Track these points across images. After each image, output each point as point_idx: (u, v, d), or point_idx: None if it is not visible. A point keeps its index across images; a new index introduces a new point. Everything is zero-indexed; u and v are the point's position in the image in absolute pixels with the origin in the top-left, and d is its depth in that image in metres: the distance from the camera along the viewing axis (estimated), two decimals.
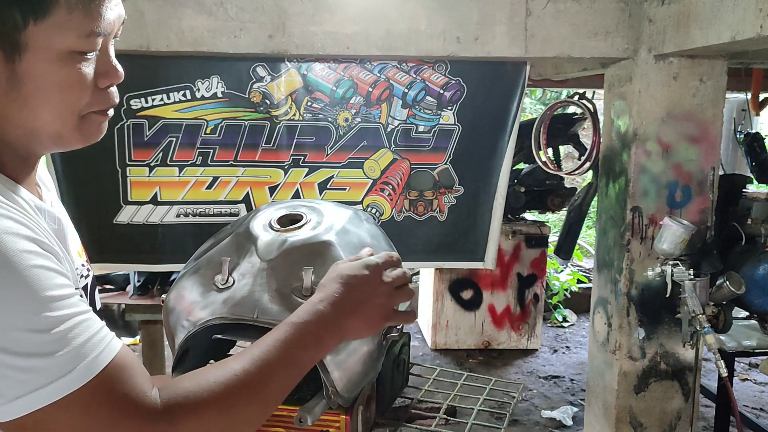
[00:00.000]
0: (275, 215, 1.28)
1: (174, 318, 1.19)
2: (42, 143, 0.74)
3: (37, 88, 0.69)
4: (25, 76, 0.68)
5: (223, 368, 0.73)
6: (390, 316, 0.89)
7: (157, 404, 0.67)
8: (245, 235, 1.23)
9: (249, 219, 1.29)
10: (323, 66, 2.65)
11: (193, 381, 0.71)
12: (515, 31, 2.53)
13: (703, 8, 2.19)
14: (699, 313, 2.33)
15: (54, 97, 0.70)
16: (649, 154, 2.60)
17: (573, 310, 5.62)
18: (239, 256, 1.20)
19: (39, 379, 0.60)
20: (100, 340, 0.65)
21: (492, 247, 2.86)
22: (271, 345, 0.77)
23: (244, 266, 1.19)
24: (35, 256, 0.63)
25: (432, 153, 2.78)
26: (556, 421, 3.65)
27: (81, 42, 0.70)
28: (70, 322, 0.63)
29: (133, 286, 3.05)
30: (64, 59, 0.70)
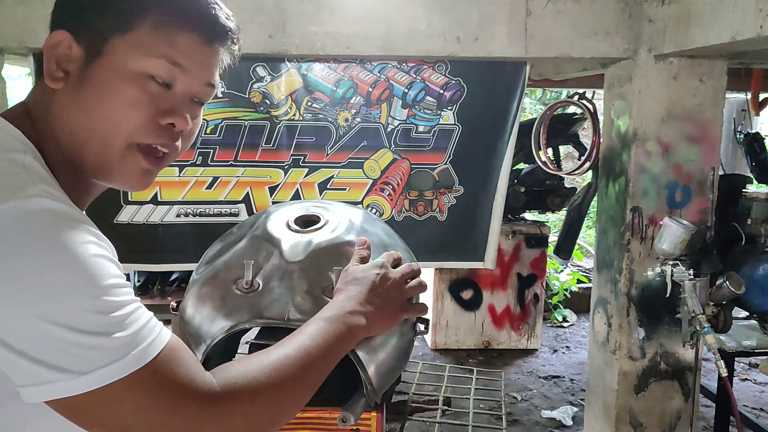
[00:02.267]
0: (291, 216, 1.27)
1: (194, 326, 1.17)
2: (89, 160, 0.75)
3: (96, 93, 0.72)
4: (92, 78, 0.72)
5: (269, 355, 0.77)
6: (406, 308, 0.97)
7: (214, 386, 0.70)
8: (265, 238, 1.21)
9: (263, 221, 1.26)
10: (323, 66, 2.65)
11: (243, 365, 0.75)
12: (515, 31, 2.53)
13: (703, 8, 2.19)
14: (699, 313, 2.33)
15: (108, 108, 0.72)
16: (649, 154, 2.60)
17: (573, 310, 5.62)
18: (261, 258, 1.19)
19: (105, 356, 0.63)
20: (154, 325, 0.68)
21: (492, 247, 2.86)
22: (309, 335, 0.82)
23: (269, 269, 1.17)
24: (96, 246, 0.66)
25: (432, 153, 2.78)
26: (556, 421, 3.65)
27: (153, 65, 0.73)
28: (129, 307, 0.66)
29: (133, 286, 3.05)
30: (132, 77, 0.72)
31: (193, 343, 1.16)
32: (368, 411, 1.21)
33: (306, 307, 1.13)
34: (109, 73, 0.72)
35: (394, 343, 1.16)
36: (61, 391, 0.62)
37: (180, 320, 1.19)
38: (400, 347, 1.19)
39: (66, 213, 0.66)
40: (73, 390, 0.62)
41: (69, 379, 0.61)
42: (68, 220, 0.66)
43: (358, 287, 0.93)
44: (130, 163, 0.76)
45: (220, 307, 1.15)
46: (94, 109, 0.72)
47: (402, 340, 1.18)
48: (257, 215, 1.33)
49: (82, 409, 0.63)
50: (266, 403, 0.73)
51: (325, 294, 1.14)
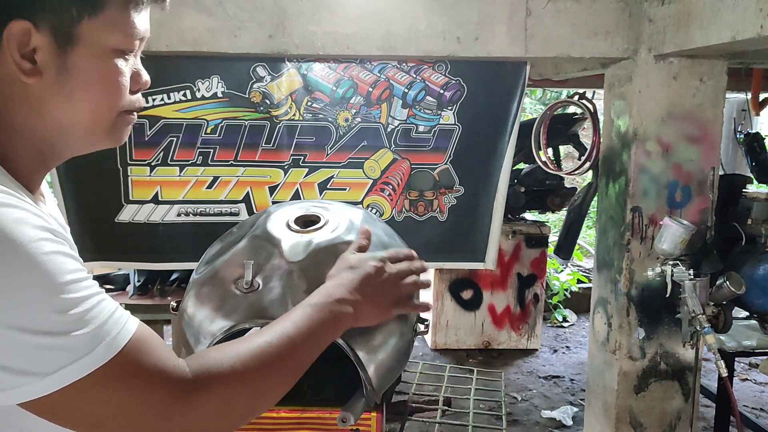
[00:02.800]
0: (291, 216, 1.27)
1: (195, 326, 1.17)
2: (73, 141, 0.76)
3: (83, 81, 0.73)
4: (74, 68, 0.72)
5: (249, 342, 0.76)
6: (399, 304, 0.96)
7: (186, 374, 0.69)
8: (264, 238, 1.22)
9: (263, 221, 1.26)
10: (323, 66, 2.65)
11: (220, 352, 0.74)
12: (515, 31, 2.53)
13: (703, 8, 2.19)
14: (699, 313, 2.33)
15: (97, 91, 0.74)
16: (649, 154, 2.60)
17: (573, 310, 5.62)
18: (260, 258, 1.19)
19: (68, 355, 0.62)
20: (118, 318, 0.68)
21: (492, 247, 2.86)
22: (293, 322, 0.81)
23: (269, 269, 1.18)
24: (49, 243, 0.65)
25: (432, 153, 2.78)
26: (556, 421, 3.65)
27: (125, 41, 0.74)
28: (89, 302, 0.65)
29: (133, 286, 3.05)
30: (110, 56, 0.74)
31: (194, 342, 1.15)
32: (368, 411, 1.21)
33: None
34: (91, 59, 0.72)
35: (394, 344, 1.17)
36: (29, 393, 0.62)
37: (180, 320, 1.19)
38: (400, 348, 1.19)
39: (12, 214, 0.64)
40: (40, 392, 0.62)
41: (35, 382, 0.61)
42: (16, 221, 0.64)
43: (351, 275, 0.92)
44: (120, 128, 0.78)
45: (219, 307, 1.15)
46: (84, 95, 0.73)
47: (402, 341, 1.19)
48: (257, 215, 1.33)
49: (53, 408, 0.64)
50: (241, 391, 0.73)
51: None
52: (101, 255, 2.70)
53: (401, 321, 1.24)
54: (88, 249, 2.64)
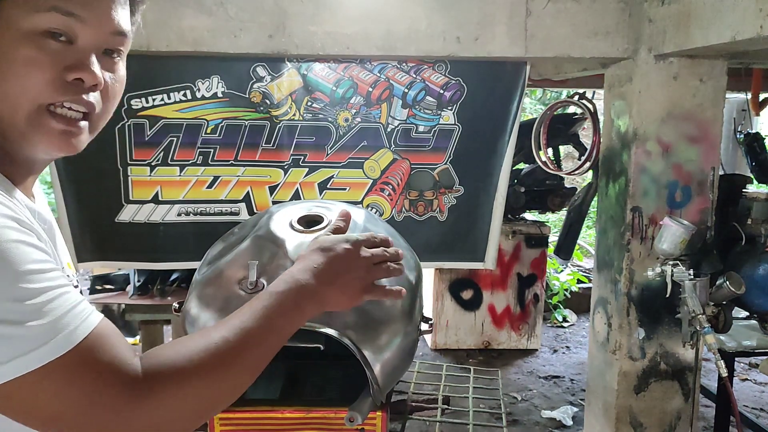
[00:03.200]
0: (294, 216, 1.27)
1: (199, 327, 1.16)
2: (10, 138, 0.72)
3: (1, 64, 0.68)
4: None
5: (204, 337, 0.73)
6: (369, 290, 0.89)
7: (137, 372, 0.68)
8: (268, 238, 1.22)
9: (265, 222, 1.26)
10: (323, 66, 2.65)
11: (174, 350, 0.72)
12: (515, 31, 2.53)
13: (703, 8, 2.19)
14: (699, 313, 2.33)
15: (11, 75, 0.69)
16: (649, 154, 2.60)
17: (573, 310, 5.62)
18: (264, 259, 1.19)
19: (21, 346, 0.61)
20: (80, 312, 0.66)
21: (492, 247, 2.86)
22: (252, 314, 0.77)
23: (273, 269, 1.17)
24: (14, 231, 0.64)
25: (432, 153, 2.78)
26: (556, 421, 3.65)
27: (45, 18, 0.69)
28: (49, 293, 0.64)
29: (133, 286, 3.05)
30: (27, 36, 0.69)
31: None
32: (374, 410, 1.21)
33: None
34: (4, 43, 0.68)
35: (399, 343, 1.17)
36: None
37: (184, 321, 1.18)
38: (405, 347, 1.19)
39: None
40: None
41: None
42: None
43: (320, 258, 0.86)
44: (43, 126, 0.72)
45: (224, 308, 1.14)
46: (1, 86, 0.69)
47: (406, 340, 1.19)
48: (259, 215, 1.32)
49: (5, 400, 0.63)
50: (195, 389, 0.70)
51: None
52: (101, 255, 2.70)
53: (406, 320, 1.24)
54: (88, 249, 2.64)
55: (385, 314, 1.22)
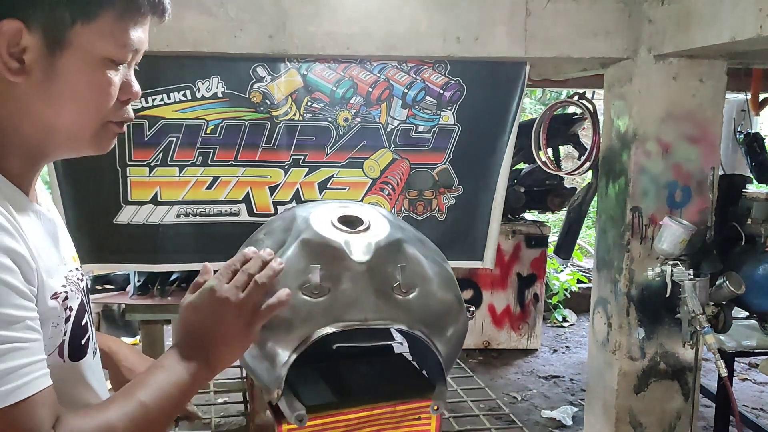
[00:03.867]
0: (332, 218, 1.25)
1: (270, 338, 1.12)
2: (56, 144, 0.77)
3: (70, 87, 0.73)
4: (62, 72, 0.72)
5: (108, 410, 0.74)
6: (252, 322, 0.86)
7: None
8: (320, 241, 1.19)
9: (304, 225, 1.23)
10: (323, 66, 2.65)
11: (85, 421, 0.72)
12: (515, 31, 2.53)
13: (703, 8, 2.19)
14: (699, 313, 2.34)
15: (83, 98, 0.74)
16: (649, 154, 2.60)
17: (573, 310, 5.62)
18: (323, 262, 1.17)
19: None
20: (27, 372, 0.66)
21: (491, 246, 2.86)
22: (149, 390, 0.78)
23: (336, 271, 1.16)
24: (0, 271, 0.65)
25: (431, 153, 2.78)
26: (556, 421, 3.65)
27: (117, 51, 0.75)
28: (8, 346, 0.65)
29: (133, 286, 3.05)
30: (99, 64, 0.74)
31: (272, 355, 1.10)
32: (425, 399, 1.24)
33: (381, 305, 1.14)
34: (80, 64, 0.73)
35: (457, 331, 1.23)
36: None
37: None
38: (461, 334, 1.25)
39: None
40: None
41: None
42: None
43: (188, 328, 0.85)
44: (104, 139, 0.79)
45: (294, 315, 1.11)
46: (69, 99, 0.73)
47: (462, 327, 1.25)
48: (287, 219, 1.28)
49: None
50: None
51: (394, 291, 1.17)
52: (100, 257, 2.69)
53: (460, 308, 1.27)
54: (87, 250, 2.63)
55: (446, 306, 1.25)
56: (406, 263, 1.21)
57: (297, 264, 1.16)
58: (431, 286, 1.24)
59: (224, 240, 2.74)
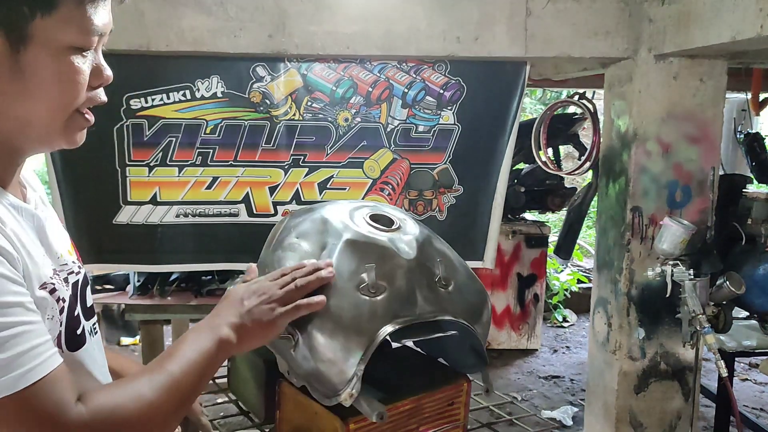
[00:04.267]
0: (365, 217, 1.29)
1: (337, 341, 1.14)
2: (31, 138, 0.77)
3: (38, 81, 0.72)
4: (29, 67, 0.71)
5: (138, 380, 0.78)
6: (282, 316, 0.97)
7: (83, 415, 0.70)
8: (368, 241, 1.22)
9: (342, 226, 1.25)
10: (323, 66, 2.65)
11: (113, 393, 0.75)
12: (515, 31, 2.53)
13: (703, 8, 2.19)
14: (699, 313, 2.33)
15: (53, 89, 0.73)
16: (649, 154, 2.59)
17: (573, 310, 5.62)
18: (372, 260, 1.19)
19: None
20: (41, 352, 0.68)
21: (491, 246, 2.86)
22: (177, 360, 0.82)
23: (388, 269, 1.19)
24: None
25: (432, 153, 2.78)
26: (556, 421, 3.64)
27: (82, 38, 0.73)
28: (13, 329, 0.65)
29: (133, 286, 3.05)
30: (65, 53, 0.73)
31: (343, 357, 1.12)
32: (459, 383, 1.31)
33: (431, 299, 1.20)
34: (45, 57, 0.72)
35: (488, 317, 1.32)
36: None
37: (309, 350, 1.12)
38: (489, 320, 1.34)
39: None
40: None
41: None
42: None
43: (226, 303, 0.96)
44: (76, 127, 0.79)
45: (357, 315, 1.14)
46: (39, 94, 0.73)
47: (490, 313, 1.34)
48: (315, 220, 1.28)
49: None
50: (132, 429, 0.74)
51: (437, 285, 1.23)
52: (99, 257, 2.69)
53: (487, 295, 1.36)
54: (86, 250, 2.63)
55: (478, 294, 1.33)
56: (441, 257, 1.29)
57: (348, 265, 1.18)
58: (462, 277, 1.32)
59: (224, 240, 2.74)
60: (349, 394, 1.09)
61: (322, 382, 1.12)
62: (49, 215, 0.86)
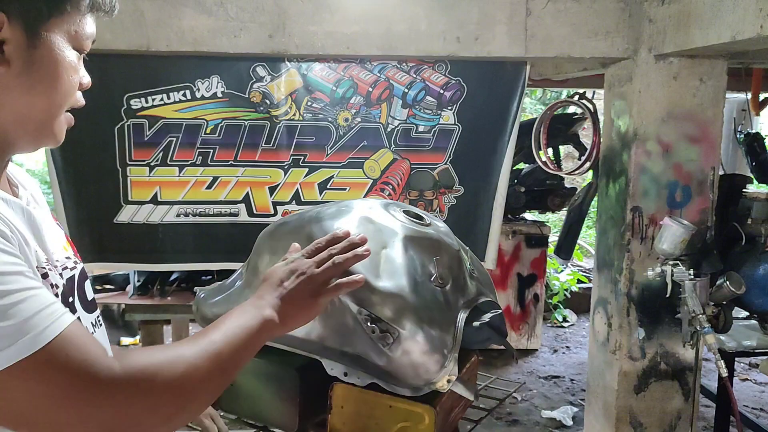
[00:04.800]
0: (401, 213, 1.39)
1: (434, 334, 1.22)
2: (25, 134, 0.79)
3: (44, 75, 0.76)
4: (39, 62, 0.75)
5: (180, 346, 0.79)
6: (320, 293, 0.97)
7: (115, 368, 0.69)
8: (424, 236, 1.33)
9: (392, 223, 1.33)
10: (323, 66, 2.65)
11: (151, 353, 0.75)
12: (515, 31, 2.53)
13: (703, 8, 2.19)
14: (699, 313, 2.33)
15: (55, 86, 0.78)
16: (649, 154, 2.59)
17: (573, 310, 5.61)
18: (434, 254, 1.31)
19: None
20: (51, 312, 0.67)
21: (492, 246, 2.86)
22: (222, 332, 0.83)
23: (445, 260, 1.31)
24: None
25: (432, 153, 2.78)
26: (556, 421, 3.64)
27: (81, 42, 0.80)
28: (17, 295, 0.65)
29: (133, 286, 3.05)
30: (68, 54, 0.79)
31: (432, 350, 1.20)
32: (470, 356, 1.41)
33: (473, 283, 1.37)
34: (54, 55, 0.76)
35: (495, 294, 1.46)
36: None
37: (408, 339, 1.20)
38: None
39: None
40: None
41: None
42: None
43: (267, 285, 0.97)
44: (63, 127, 0.83)
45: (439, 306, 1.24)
46: (44, 88, 0.77)
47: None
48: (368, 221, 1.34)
49: None
50: (167, 391, 0.73)
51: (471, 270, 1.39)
52: (100, 256, 2.69)
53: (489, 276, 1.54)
54: (87, 250, 2.63)
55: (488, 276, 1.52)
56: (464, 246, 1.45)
57: (418, 260, 1.28)
58: (477, 262, 1.50)
59: (224, 240, 2.74)
60: (447, 379, 1.18)
61: (417, 373, 1.18)
62: (42, 213, 0.87)
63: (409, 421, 1.24)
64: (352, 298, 1.19)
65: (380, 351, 1.18)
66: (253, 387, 1.43)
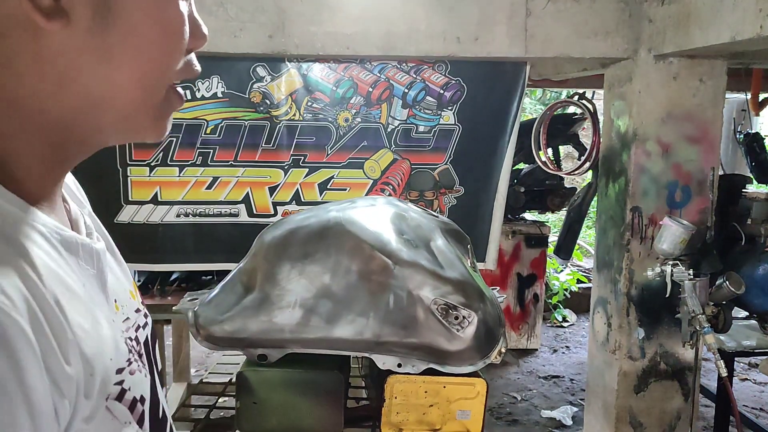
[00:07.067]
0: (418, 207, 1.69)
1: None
2: (106, 123, 0.51)
3: (133, 29, 0.48)
4: (121, 8, 0.47)
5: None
6: None
7: None
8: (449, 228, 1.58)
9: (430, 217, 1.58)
10: (323, 66, 2.65)
11: None
12: (515, 31, 2.53)
13: (703, 8, 2.19)
14: (699, 313, 2.33)
15: (153, 46, 0.51)
16: (649, 154, 2.60)
17: (573, 310, 5.61)
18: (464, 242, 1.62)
19: None
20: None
21: (492, 247, 2.86)
22: None
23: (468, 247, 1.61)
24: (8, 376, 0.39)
25: (432, 153, 2.78)
26: (556, 421, 3.64)
27: None
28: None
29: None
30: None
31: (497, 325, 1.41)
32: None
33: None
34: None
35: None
36: None
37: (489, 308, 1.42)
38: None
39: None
40: None
41: None
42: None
43: None
44: (170, 107, 0.54)
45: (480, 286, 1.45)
46: (134, 50, 0.49)
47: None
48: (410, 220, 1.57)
49: None
50: None
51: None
52: None
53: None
54: None
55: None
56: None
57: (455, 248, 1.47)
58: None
59: (224, 240, 2.74)
60: (500, 351, 1.33)
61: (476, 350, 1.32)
62: (104, 237, 0.61)
63: (464, 397, 1.36)
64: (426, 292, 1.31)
65: (451, 336, 1.30)
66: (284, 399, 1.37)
